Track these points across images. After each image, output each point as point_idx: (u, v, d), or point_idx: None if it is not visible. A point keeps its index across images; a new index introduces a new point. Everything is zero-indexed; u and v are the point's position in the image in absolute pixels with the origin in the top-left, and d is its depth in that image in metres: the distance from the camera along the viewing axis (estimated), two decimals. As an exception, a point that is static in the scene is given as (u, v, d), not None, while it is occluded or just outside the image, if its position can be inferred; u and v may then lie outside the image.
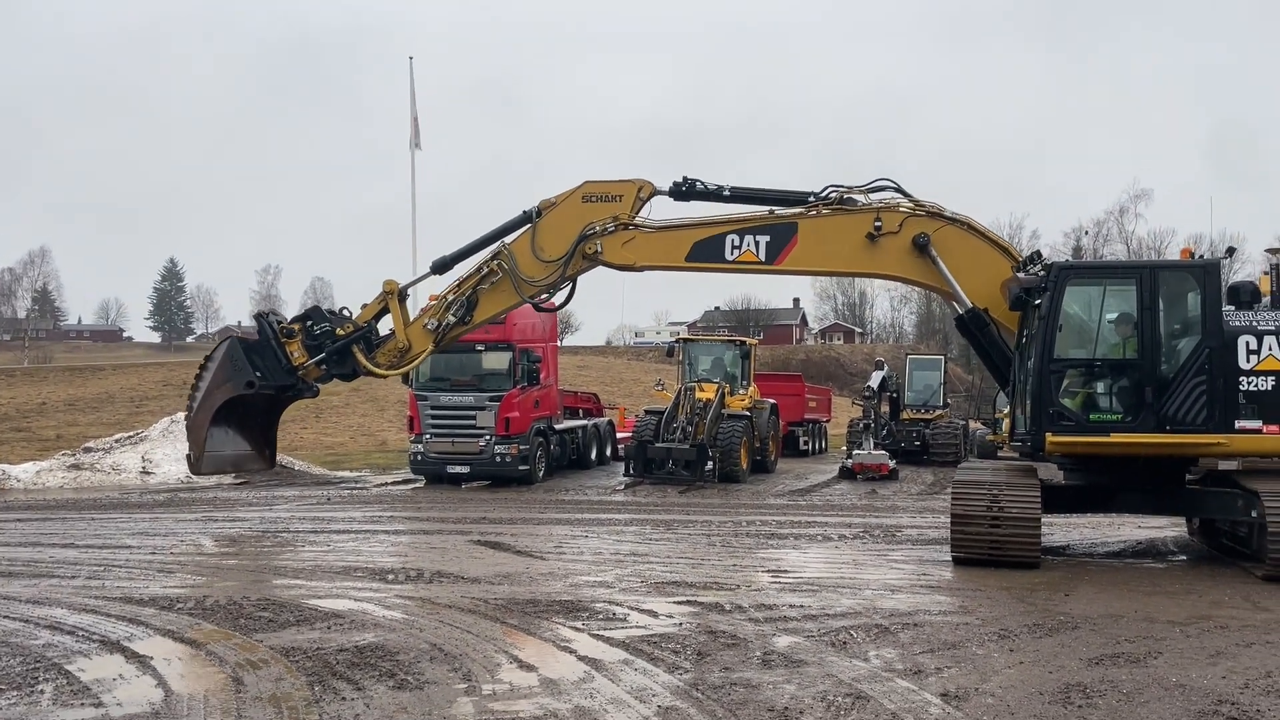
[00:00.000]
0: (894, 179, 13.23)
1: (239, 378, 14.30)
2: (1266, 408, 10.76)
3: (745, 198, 13.89)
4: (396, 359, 14.69)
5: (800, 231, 13.40)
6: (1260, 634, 8.03)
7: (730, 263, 13.66)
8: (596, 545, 12.94)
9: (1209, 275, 11.10)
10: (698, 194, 13.96)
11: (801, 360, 74.25)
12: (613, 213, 13.99)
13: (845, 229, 13.25)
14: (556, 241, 14.10)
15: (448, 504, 18.08)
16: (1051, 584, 10.25)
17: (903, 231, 12.99)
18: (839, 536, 13.88)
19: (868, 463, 23.79)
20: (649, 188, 14.08)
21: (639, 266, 14.16)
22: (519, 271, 14.18)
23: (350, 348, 14.53)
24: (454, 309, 14.44)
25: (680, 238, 13.86)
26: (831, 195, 13.37)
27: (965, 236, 12.94)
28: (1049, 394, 11.31)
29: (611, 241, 13.99)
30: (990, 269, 12.70)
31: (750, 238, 13.51)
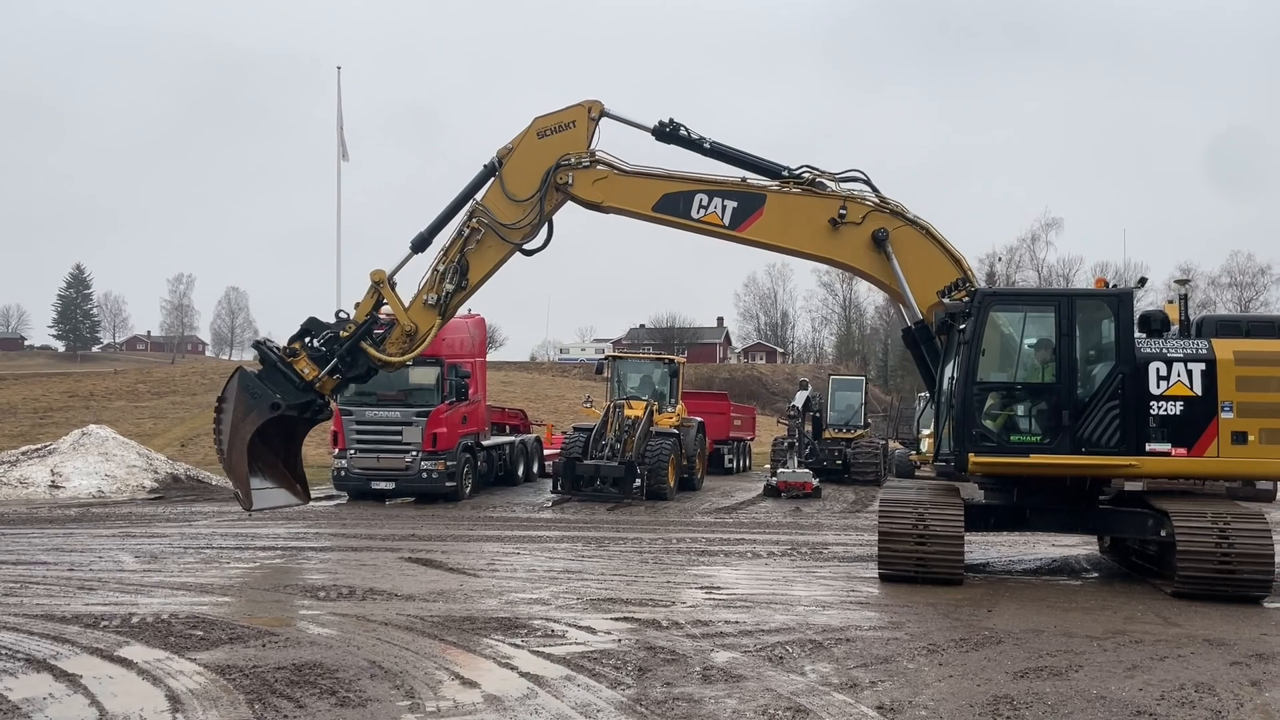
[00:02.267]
0: (866, 173, 13.54)
1: (261, 403, 14.00)
2: (1175, 431, 11.29)
3: (723, 155, 14.02)
4: (407, 344, 14.50)
5: (768, 204, 13.60)
6: (1172, 648, 8.42)
7: (695, 220, 13.76)
8: (529, 562, 12.93)
9: (1123, 304, 11.63)
10: (680, 139, 14.08)
11: (725, 379, 75.00)
12: (570, 141, 14.06)
13: (811, 210, 13.51)
14: (526, 180, 14.10)
15: (374, 520, 17.86)
16: (974, 600, 10.58)
17: (864, 224, 13.29)
18: (768, 554, 14.11)
19: (792, 481, 24.17)
20: (598, 107, 14.15)
21: (605, 206, 14.14)
22: (498, 220, 14.14)
23: (359, 346, 14.35)
24: (449, 277, 14.27)
25: (652, 186, 13.94)
26: (804, 175, 13.64)
27: (922, 241, 13.29)
28: (972, 416, 11.70)
29: (583, 176, 14.03)
30: (940, 277, 13.05)
31: (719, 200, 13.67)
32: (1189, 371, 11.29)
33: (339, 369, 14.33)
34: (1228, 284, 77.88)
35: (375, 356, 14.36)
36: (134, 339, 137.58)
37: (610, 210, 14.20)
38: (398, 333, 14.42)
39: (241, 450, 13.84)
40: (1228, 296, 76.18)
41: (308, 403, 14.32)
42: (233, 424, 13.89)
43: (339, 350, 14.27)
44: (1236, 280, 77.90)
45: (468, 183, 14.36)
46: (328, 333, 14.36)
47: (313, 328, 14.46)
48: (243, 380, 14.09)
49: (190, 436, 42.13)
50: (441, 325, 14.57)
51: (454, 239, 14.29)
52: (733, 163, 13.99)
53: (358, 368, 14.51)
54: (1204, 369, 11.26)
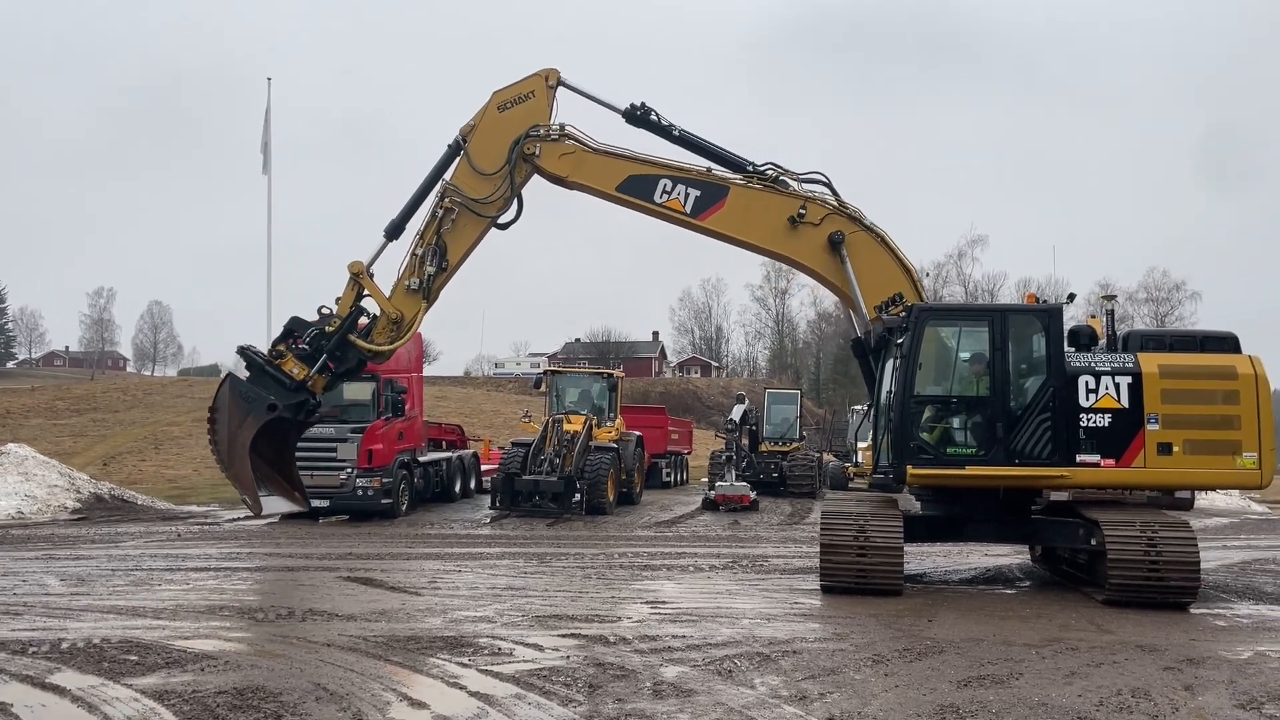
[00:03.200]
0: (828, 176, 13.77)
1: (257, 406, 13.70)
2: (1104, 443, 11.64)
3: (690, 144, 14.16)
4: (394, 331, 14.34)
5: (730, 196, 13.77)
6: (1107, 654, 8.66)
7: (657, 205, 13.89)
8: (471, 579, 12.80)
9: (1053, 319, 11.97)
10: (650, 124, 14.21)
11: (660, 393, 75.23)
12: (531, 112, 14.10)
13: (771, 206, 13.70)
14: (493, 154, 14.09)
15: (309, 539, 17.51)
16: (915, 610, 10.75)
17: (822, 225, 13.51)
18: (709, 567, 14.16)
19: (730, 494, 24.33)
20: (555, 75, 14.20)
21: (570, 181, 14.15)
22: (470, 197, 14.09)
23: (346, 340, 14.13)
24: (428, 260, 14.15)
25: (618, 166, 14.03)
26: (768, 172, 13.84)
27: (877, 248, 13.53)
28: (910, 428, 11.92)
29: (551, 148, 14.07)
30: (891, 285, 13.31)
31: (683, 187, 13.81)
32: (1116, 385, 11.66)
33: (328, 365, 14.13)
34: (1145, 299, 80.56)
35: (364, 348, 14.20)
36: (51, 354, 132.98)
37: (574, 186, 14.24)
38: (383, 322, 14.30)
39: (244, 456, 13.58)
40: (1145, 311, 78.83)
41: (301, 403, 14.11)
42: (230, 432, 13.61)
43: (327, 346, 14.07)
44: (1153, 296, 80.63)
45: (434, 165, 14.31)
46: (313, 330, 14.14)
47: (296, 328, 14.24)
48: (234, 386, 13.80)
49: (113, 454, 40.91)
50: (427, 309, 14.44)
51: (428, 222, 14.20)
52: (699, 152, 14.15)
53: (348, 361, 14.34)
54: (1130, 382, 11.63)
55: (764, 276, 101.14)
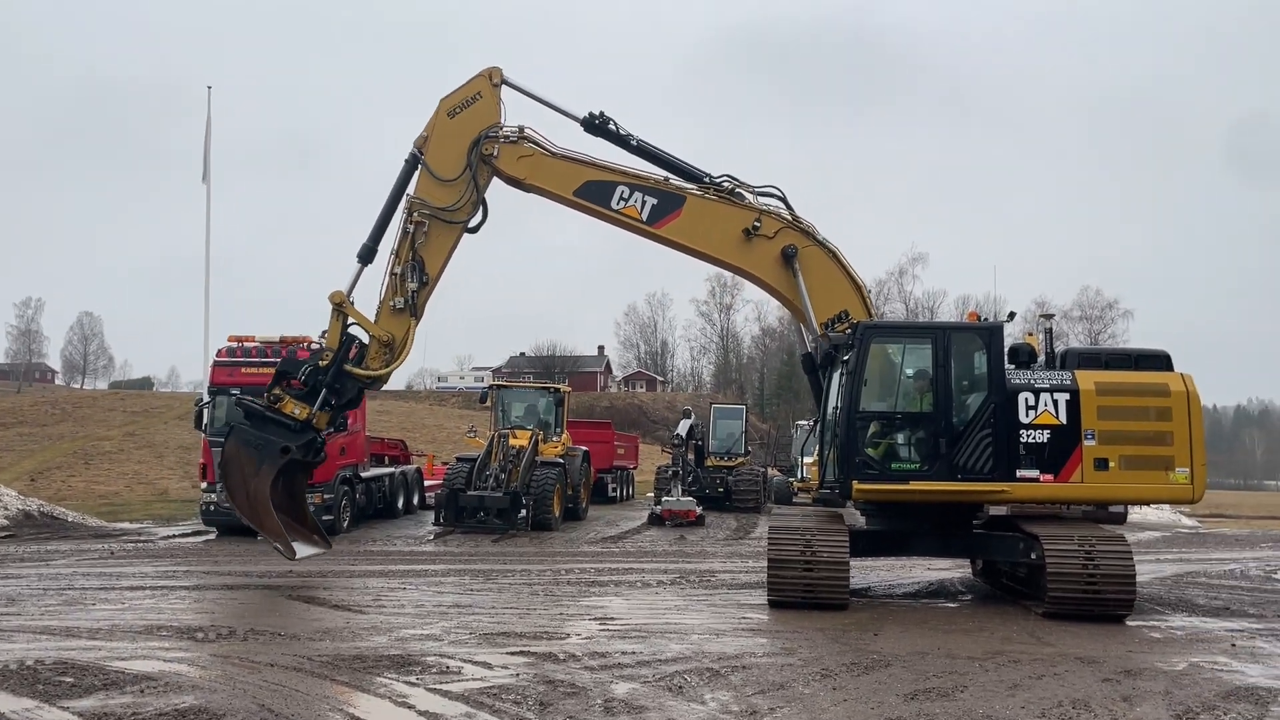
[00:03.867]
0: (783, 190, 13.96)
1: (270, 452, 13.55)
2: (1043, 458, 11.89)
3: (648, 154, 14.24)
4: (388, 354, 14.12)
5: (687, 205, 13.88)
6: (1048, 666, 8.83)
7: (613, 211, 13.93)
8: (417, 597, 12.65)
9: (994, 337, 12.23)
10: (608, 133, 14.26)
11: (606, 407, 75.17)
12: (482, 113, 14.06)
13: (727, 217, 13.84)
14: (451, 160, 14.01)
15: (248, 557, 17.16)
16: (860, 624, 10.87)
17: (776, 238, 13.68)
18: (657, 582, 14.17)
19: (676, 509, 24.37)
20: (498, 73, 14.17)
21: (527, 184, 14.13)
22: (438, 207, 13.98)
23: (343, 371, 13.93)
24: (409, 277, 13.99)
25: (576, 171, 14.06)
26: (725, 184, 13.97)
27: (829, 263, 13.71)
28: (855, 444, 12.07)
29: (509, 150, 14.06)
30: (841, 301, 13.50)
31: (640, 195, 13.90)
32: (1055, 401, 11.93)
33: (329, 400, 13.94)
34: (1079, 317, 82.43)
35: (361, 375, 14.03)
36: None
37: (531, 189, 14.23)
38: (374, 346, 14.11)
39: (267, 505, 13.43)
40: (1079, 329, 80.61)
41: (309, 442, 13.94)
42: (247, 482, 13.49)
43: (325, 380, 13.86)
44: (1087, 314, 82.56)
45: (394, 183, 14.17)
46: (307, 367, 13.95)
47: (289, 369, 14.06)
48: (241, 438, 13.66)
49: (40, 470, 39.77)
50: (416, 325, 14.25)
51: (401, 239, 14.06)
52: (657, 163, 14.25)
53: (347, 392, 14.16)
54: (1069, 399, 11.91)
55: (709, 292, 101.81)
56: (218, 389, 20.61)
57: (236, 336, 21.10)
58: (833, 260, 13.72)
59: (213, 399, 20.67)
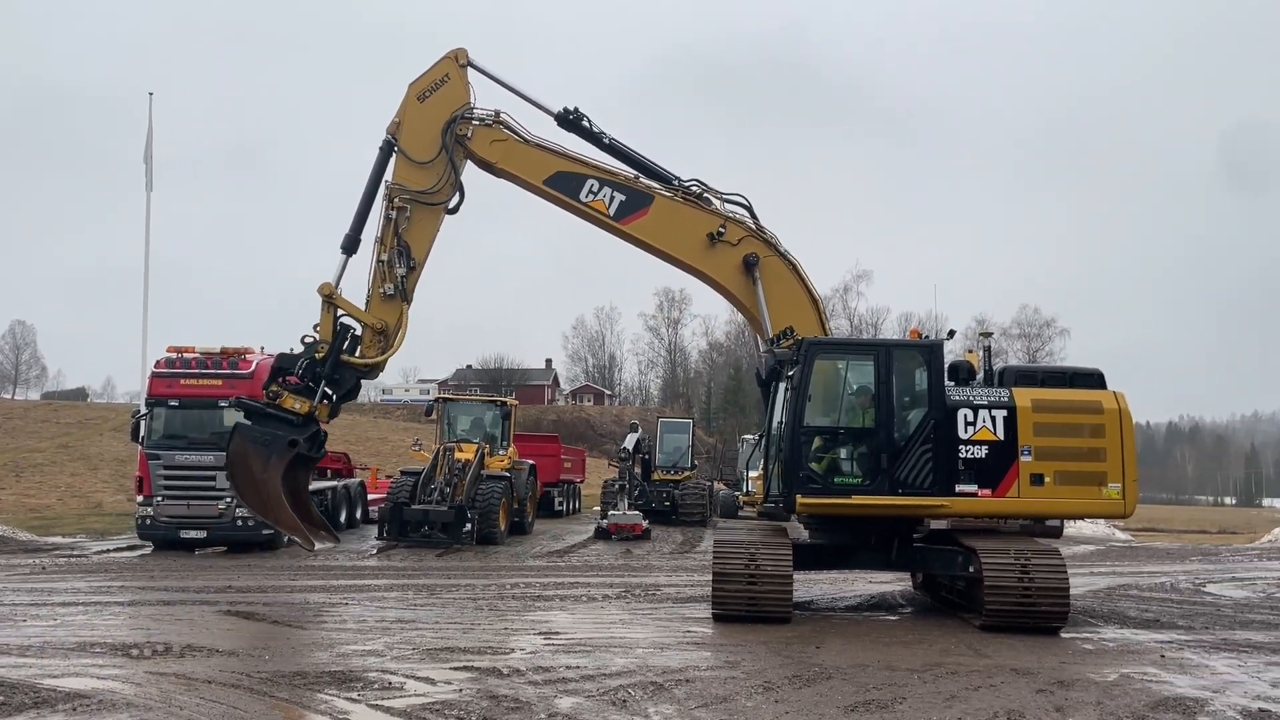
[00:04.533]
0: (749, 200, 14.10)
1: (278, 446, 13.41)
2: (981, 473, 12.13)
3: (619, 153, 14.31)
4: (382, 341, 14.03)
5: (654, 205, 14.00)
6: (985, 678, 9.01)
7: (581, 204, 14.00)
8: (358, 612, 12.51)
9: (934, 354, 12.47)
10: (581, 129, 14.32)
11: (553, 421, 74.98)
12: (452, 95, 14.04)
13: (693, 221, 13.98)
14: (426, 143, 13.98)
15: (185, 572, 16.82)
16: (803, 637, 10.98)
17: (740, 246, 13.85)
18: (603, 596, 14.17)
19: (623, 523, 24.39)
20: (463, 54, 14.18)
21: (498, 168, 14.14)
22: (418, 190, 13.94)
23: (341, 361, 13.80)
24: (396, 263, 13.90)
25: (548, 160, 14.11)
26: (693, 188, 14.10)
27: (788, 275, 13.90)
28: (800, 458, 12.21)
29: (483, 133, 14.08)
30: (798, 314, 13.69)
31: (609, 190, 14.00)
32: (993, 418, 12.18)
33: (329, 392, 13.82)
34: (1018, 335, 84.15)
35: (359, 364, 13.96)
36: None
37: (502, 174, 14.25)
38: (368, 335, 14.02)
39: (280, 499, 13.36)
40: (1018, 346, 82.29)
41: (313, 435, 13.85)
42: (258, 480, 13.37)
43: (324, 372, 13.73)
44: (1025, 331, 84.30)
45: (370, 171, 14.09)
46: (303, 361, 13.78)
47: (285, 365, 13.87)
48: (247, 435, 13.51)
49: (-32, 482, 38.56)
50: (408, 309, 14.17)
51: (385, 226, 13.98)
52: (628, 162, 14.33)
53: (346, 383, 14.05)
54: (1006, 415, 12.17)
55: (657, 306, 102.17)
56: (156, 400, 20.21)
57: (176, 347, 20.71)
58: (792, 273, 13.92)
59: (150, 410, 20.26)
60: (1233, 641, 11.41)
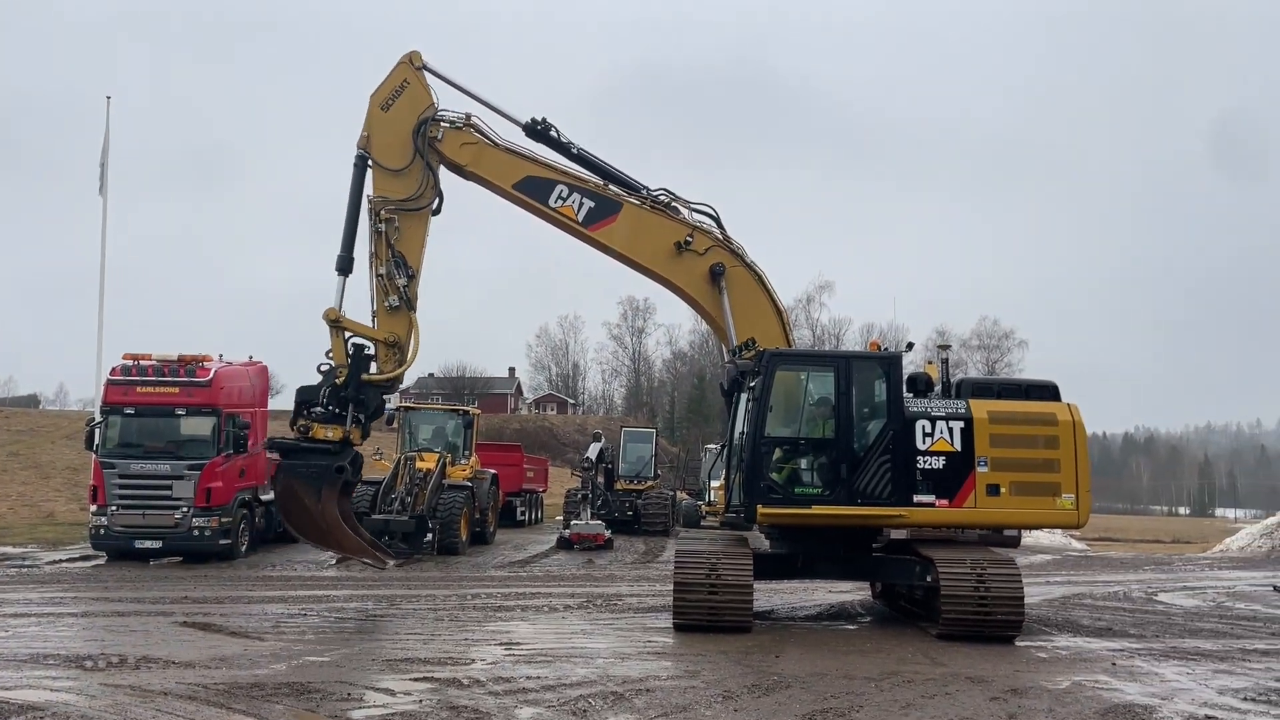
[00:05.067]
0: (716, 211, 14.22)
1: (328, 475, 13.49)
2: (938, 484, 12.29)
3: (587, 163, 14.32)
4: (397, 355, 13.97)
5: (623, 212, 14.06)
6: (940, 686, 9.14)
7: (550, 209, 14.02)
8: (317, 623, 12.42)
9: (893, 366, 12.63)
10: (550, 140, 14.31)
11: (516, 430, 74.69)
12: (415, 99, 13.98)
13: (661, 229, 14.06)
14: (399, 151, 13.92)
15: (140, 583, 16.59)
16: (763, 646, 11.07)
17: (706, 255, 13.96)
18: (564, 607, 14.18)
19: (585, 533, 24.38)
20: (417, 56, 14.12)
21: (468, 171, 14.11)
22: (401, 199, 13.87)
23: (363, 383, 13.76)
24: (396, 275, 13.84)
25: (518, 164, 14.13)
26: (661, 196, 14.18)
27: (754, 286, 14.02)
28: (761, 469, 12.31)
29: (453, 135, 14.05)
30: (762, 324, 13.82)
31: (578, 196, 14.03)
32: (950, 429, 12.36)
33: (358, 415, 13.80)
34: (977, 346, 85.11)
35: (380, 380, 13.93)
36: None
37: (471, 177, 14.23)
38: (382, 350, 13.95)
39: (342, 526, 13.54)
40: (977, 358, 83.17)
41: (354, 459, 13.95)
42: (314, 513, 13.47)
43: (349, 395, 13.69)
44: (985, 343, 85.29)
45: (350, 189, 13.99)
46: (325, 389, 13.72)
47: (307, 398, 13.79)
48: (293, 472, 13.55)
49: (-85, 491, 37.69)
50: (415, 317, 14.13)
51: (376, 241, 13.87)
52: (596, 171, 14.35)
53: (371, 402, 14.00)
54: (963, 427, 12.36)
55: (621, 315, 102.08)
56: (111, 408, 19.93)
57: (132, 354, 20.44)
58: (758, 283, 14.05)
59: (105, 418, 19.98)
60: (1182, 649, 11.66)
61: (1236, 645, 12.08)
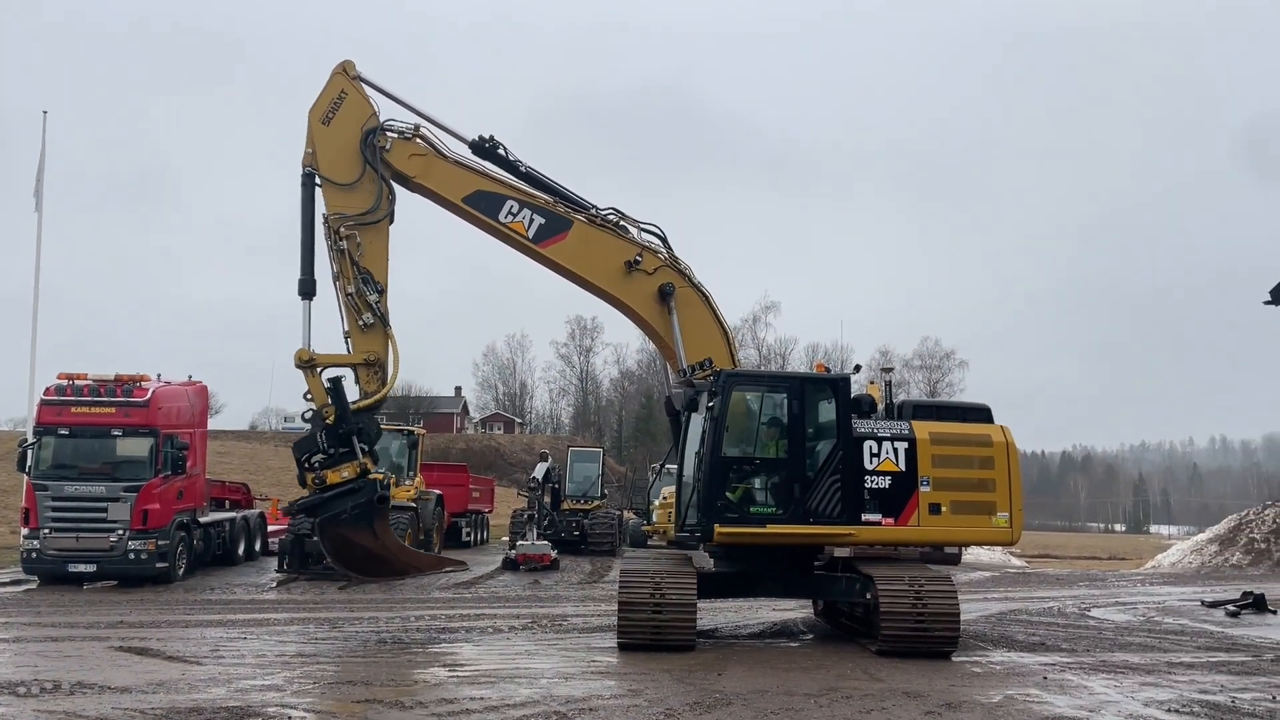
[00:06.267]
0: (664, 231, 14.31)
1: (371, 510, 13.52)
2: (885, 503, 12.52)
3: (536, 181, 14.26)
4: (379, 373, 13.71)
5: (573, 230, 14.01)
6: (877, 701, 9.32)
7: (500, 224, 13.90)
8: (258, 647, 12.27)
9: (843, 387, 12.86)
10: (497, 158, 14.20)
11: (462, 449, 74.08)
12: (355, 109, 13.78)
13: (610, 248, 14.07)
14: (346, 164, 13.69)
15: (73, 607, 16.22)
16: (706, 664, 11.17)
17: (655, 275, 14.02)
18: (509, 628, 14.16)
19: (531, 553, 24.31)
20: (351, 65, 13.94)
21: (416, 182, 13.90)
22: (357, 214, 13.60)
23: (354, 414, 13.52)
24: (366, 293, 13.56)
25: (468, 178, 13.98)
26: (610, 216, 14.18)
27: (701, 307, 14.12)
28: (718, 488, 12.41)
29: (402, 145, 13.83)
30: (709, 345, 13.91)
31: (528, 212, 13.94)
32: (895, 449, 12.60)
33: (363, 446, 13.60)
34: (919, 366, 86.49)
35: (369, 404, 13.71)
36: None
37: (419, 189, 14.02)
38: (363, 373, 13.69)
39: (404, 549, 13.93)
40: (919, 378, 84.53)
41: (383, 485, 14.03)
42: (376, 550, 13.59)
43: (351, 430, 13.45)
44: (927, 363, 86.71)
45: (300, 209, 13.75)
46: (322, 433, 13.44)
47: (307, 449, 13.58)
48: (337, 523, 13.45)
49: None
50: (392, 331, 13.85)
51: (340, 260, 13.56)
52: (544, 190, 14.28)
53: (370, 430, 13.80)
54: (907, 447, 12.61)
55: (569, 334, 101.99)
56: (45, 429, 19.49)
57: (67, 374, 20.00)
58: (705, 304, 14.18)
59: (39, 439, 19.53)
60: (1111, 663, 11.99)
61: (1164, 659, 12.44)
